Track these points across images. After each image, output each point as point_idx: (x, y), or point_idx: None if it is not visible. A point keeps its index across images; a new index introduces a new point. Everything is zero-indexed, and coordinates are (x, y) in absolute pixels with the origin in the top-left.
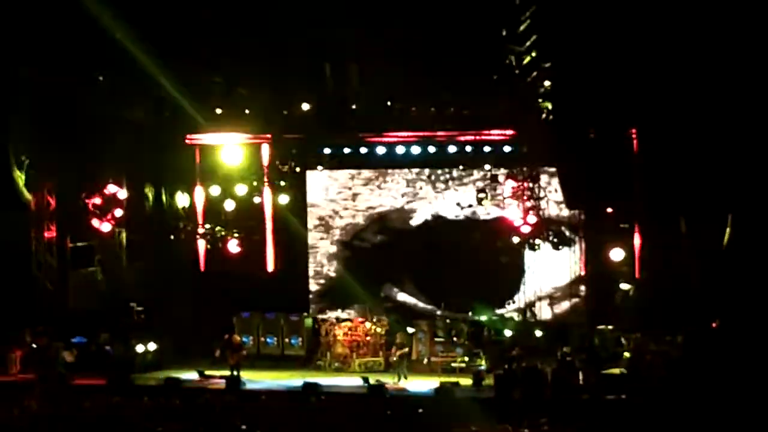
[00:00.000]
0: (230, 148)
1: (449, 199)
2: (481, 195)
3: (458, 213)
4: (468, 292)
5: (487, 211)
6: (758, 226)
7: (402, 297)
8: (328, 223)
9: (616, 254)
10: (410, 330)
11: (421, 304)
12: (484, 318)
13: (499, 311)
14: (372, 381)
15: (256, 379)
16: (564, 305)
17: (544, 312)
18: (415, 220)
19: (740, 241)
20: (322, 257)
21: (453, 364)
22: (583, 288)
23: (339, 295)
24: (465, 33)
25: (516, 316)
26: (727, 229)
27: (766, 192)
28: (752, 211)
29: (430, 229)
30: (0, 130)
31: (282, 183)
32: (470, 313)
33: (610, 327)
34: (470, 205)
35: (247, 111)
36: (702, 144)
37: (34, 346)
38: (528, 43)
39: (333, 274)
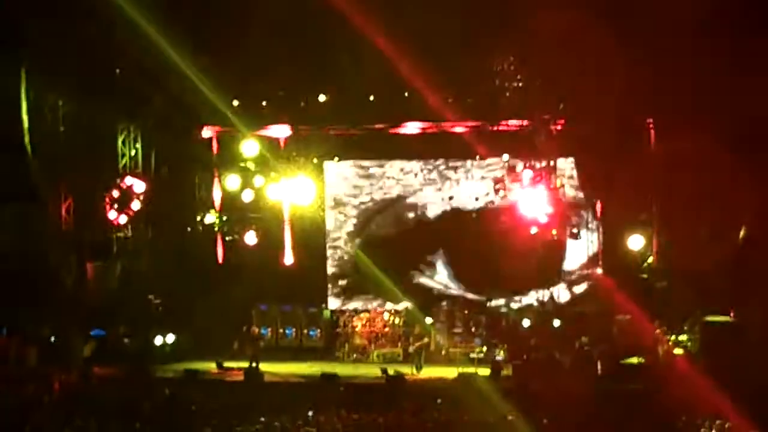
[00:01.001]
0: (248, 139)
1: (466, 190)
2: (498, 186)
3: (475, 205)
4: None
5: (503, 202)
6: None
7: (426, 282)
8: (346, 214)
9: (635, 243)
10: (428, 321)
11: (447, 290)
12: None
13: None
14: (390, 372)
15: (275, 371)
16: (581, 287)
17: (562, 295)
18: (432, 211)
19: (756, 233)
20: (341, 248)
21: (471, 355)
22: (599, 271)
23: (359, 286)
24: (484, 23)
25: (535, 302)
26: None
27: None
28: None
29: (448, 220)
30: (16, 121)
31: (300, 174)
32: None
33: (628, 317)
34: (487, 194)
35: (264, 102)
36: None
37: (53, 339)
38: None
39: (351, 265)
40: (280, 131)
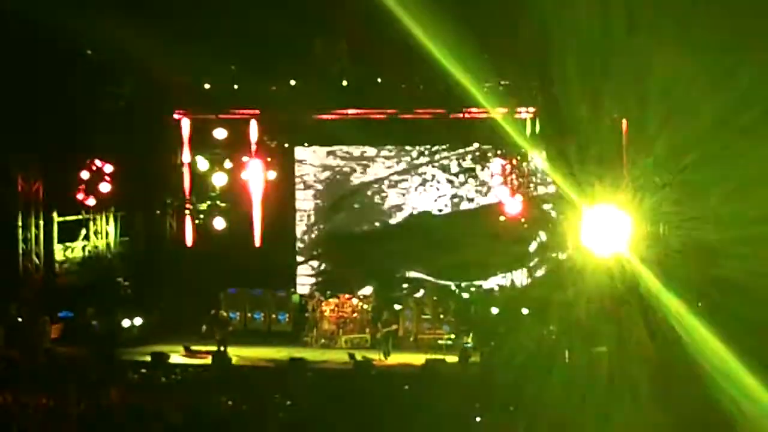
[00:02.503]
0: (218, 123)
1: (437, 176)
2: (469, 174)
3: (446, 192)
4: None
5: (474, 193)
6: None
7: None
8: (315, 199)
9: (598, 231)
10: (397, 307)
11: (414, 275)
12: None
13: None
14: (358, 357)
15: (243, 355)
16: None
17: (523, 280)
18: (402, 199)
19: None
20: (311, 233)
21: (440, 342)
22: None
23: (328, 271)
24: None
25: (496, 288)
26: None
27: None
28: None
29: (418, 207)
30: None
31: (270, 159)
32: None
33: (592, 304)
34: (459, 182)
35: (236, 86)
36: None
37: (20, 320)
38: None
39: (320, 250)
40: (251, 115)
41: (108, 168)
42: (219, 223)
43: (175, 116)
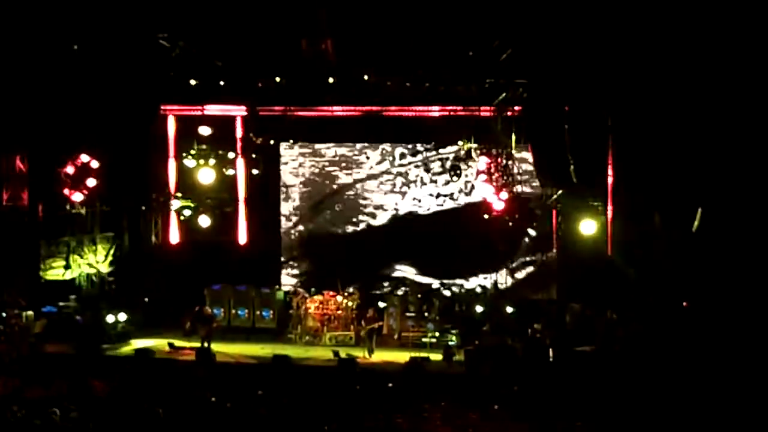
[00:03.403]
0: (204, 119)
1: (423, 175)
2: (455, 172)
3: (431, 191)
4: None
5: (459, 192)
6: (728, 209)
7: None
8: (300, 196)
9: (587, 228)
10: (381, 304)
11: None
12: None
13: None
14: (342, 355)
15: (227, 352)
16: (524, 273)
17: (506, 280)
18: (388, 197)
19: (710, 224)
20: (295, 230)
21: (424, 339)
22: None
23: (312, 269)
24: (442, 10)
25: (479, 288)
26: (698, 212)
27: (735, 177)
28: (722, 195)
29: (403, 206)
30: None
31: (255, 155)
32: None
33: (580, 304)
34: (444, 182)
35: (222, 83)
36: (674, 128)
37: (4, 315)
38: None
39: (304, 247)
40: (237, 111)
41: (94, 164)
42: (204, 221)
43: (162, 112)
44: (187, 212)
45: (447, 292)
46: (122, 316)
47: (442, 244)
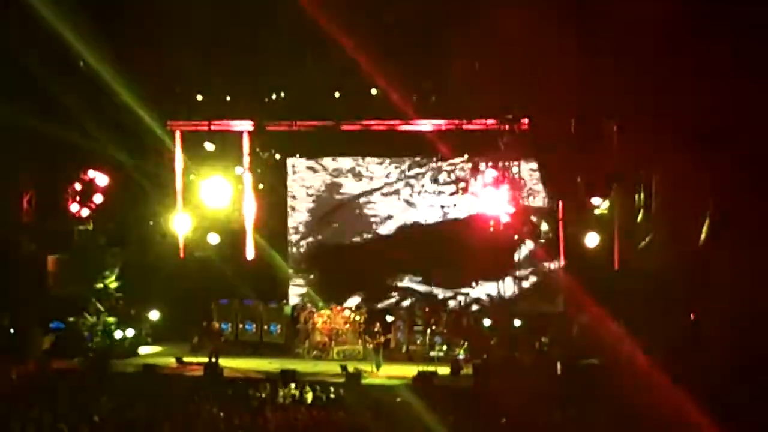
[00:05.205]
0: (211, 135)
1: (429, 188)
2: (461, 185)
3: (437, 202)
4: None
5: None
6: (734, 222)
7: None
8: (307, 211)
9: (591, 241)
10: (389, 318)
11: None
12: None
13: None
14: (350, 369)
15: (234, 366)
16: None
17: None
18: (394, 210)
19: (717, 236)
20: (302, 244)
21: (431, 353)
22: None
23: (320, 283)
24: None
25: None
26: (705, 225)
27: (742, 188)
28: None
29: (410, 218)
30: None
31: (261, 170)
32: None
33: (588, 317)
34: (450, 193)
35: (228, 98)
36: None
37: (12, 331)
38: None
39: (312, 260)
40: (243, 126)
41: (101, 180)
42: (213, 238)
43: (168, 128)
44: (194, 228)
45: (453, 303)
46: (130, 332)
47: (449, 254)
